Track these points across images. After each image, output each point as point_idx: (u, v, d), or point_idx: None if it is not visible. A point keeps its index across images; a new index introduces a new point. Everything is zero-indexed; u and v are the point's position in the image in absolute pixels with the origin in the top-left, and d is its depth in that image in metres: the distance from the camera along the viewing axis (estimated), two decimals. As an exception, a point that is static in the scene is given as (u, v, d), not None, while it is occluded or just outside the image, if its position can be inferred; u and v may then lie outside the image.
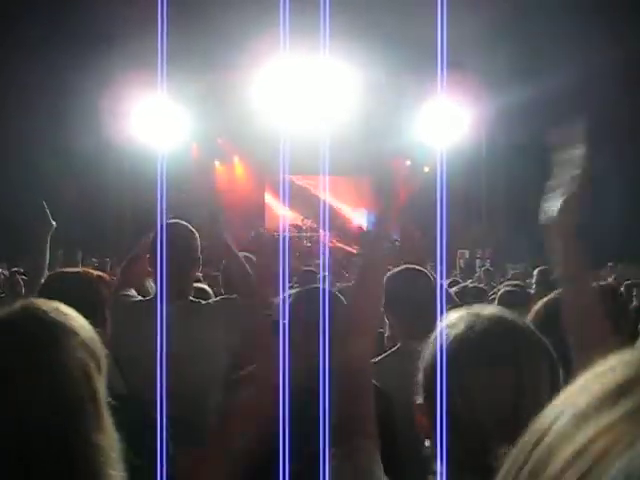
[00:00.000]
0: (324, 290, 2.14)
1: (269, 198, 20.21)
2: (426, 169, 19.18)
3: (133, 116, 15.09)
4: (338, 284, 7.26)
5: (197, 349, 2.47)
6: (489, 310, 1.20)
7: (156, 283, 2.60)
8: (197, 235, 2.81)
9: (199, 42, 13.16)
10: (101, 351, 1.13)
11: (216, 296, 3.50)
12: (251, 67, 13.91)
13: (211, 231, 2.70)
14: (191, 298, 2.75)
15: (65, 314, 1.12)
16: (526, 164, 14.69)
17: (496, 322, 1.14)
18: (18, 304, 1.11)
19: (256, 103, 15.21)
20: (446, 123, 14.89)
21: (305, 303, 2.10)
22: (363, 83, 14.44)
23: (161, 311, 2.10)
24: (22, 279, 5.55)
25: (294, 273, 9.59)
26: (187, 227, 2.82)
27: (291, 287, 6.42)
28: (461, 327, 1.14)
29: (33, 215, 2.91)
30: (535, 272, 5.15)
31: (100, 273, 2.35)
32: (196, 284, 3.43)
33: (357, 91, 14.72)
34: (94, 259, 10.45)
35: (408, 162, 19.95)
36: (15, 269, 7.06)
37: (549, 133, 1.73)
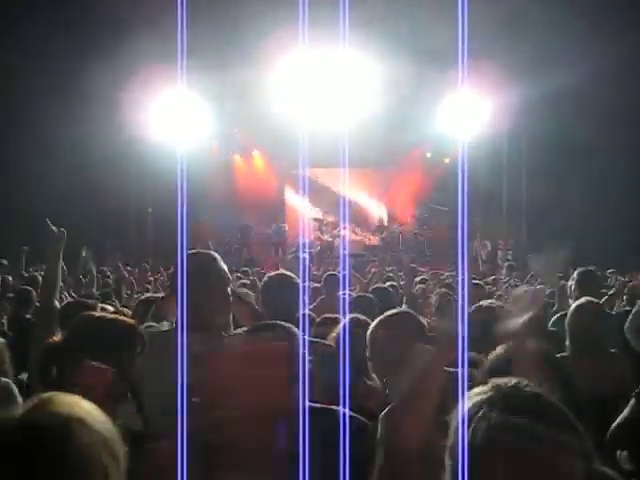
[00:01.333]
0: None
1: (289, 191, 20.25)
2: (447, 160, 19.29)
3: (152, 111, 15.17)
4: (357, 288, 7.22)
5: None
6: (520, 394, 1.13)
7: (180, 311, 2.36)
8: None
9: (218, 36, 13.19)
10: (120, 449, 1.10)
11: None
12: (270, 60, 13.91)
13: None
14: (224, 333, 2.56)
15: (84, 410, 1.09)
16: (548, 155, 14.55)
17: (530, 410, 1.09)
18: (36, 399, 1.09)
19: (276, 96, 15.21)
20: (468, 114, 14.75)
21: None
22: (383, 75, 14.36)
23: (182, 343, 1.96)
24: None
25: (317, 276, 9.61)
26: (212, 255, 2.62)
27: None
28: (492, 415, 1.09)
29: (43, 234, 2.88)
30: (575, 274, 4.87)
31: (132, 321, 2.30)
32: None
33: (377, 83, 14.65)
34: (126, 266, 10.50)
35: (429, 154, 19.96)
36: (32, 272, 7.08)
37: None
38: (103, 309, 3.40)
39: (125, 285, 7.30)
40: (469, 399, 1.15)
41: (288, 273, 3.45)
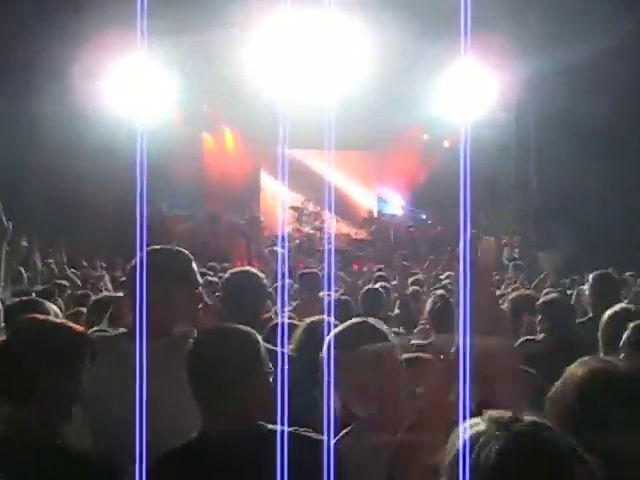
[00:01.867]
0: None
1: (265, 175, 20.20)
2: (446, 144, 19.37)
3: (108, 83, 15.02)
4: (341, 288, 7.25)
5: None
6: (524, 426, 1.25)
7: (135, 315, 2.33)
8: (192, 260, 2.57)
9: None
10: None
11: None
12: (246, 23, 13.81)
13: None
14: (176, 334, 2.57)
15: None
16: (562, 138, 14.64)
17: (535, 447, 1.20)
18: None
19: (251, 66, 15.13)
20: (471, 91, 14.78)
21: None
22: (375, 43, 14.35)
23: (140, 350, 2.05)
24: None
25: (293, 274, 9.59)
26: (179, 253, 2.60)
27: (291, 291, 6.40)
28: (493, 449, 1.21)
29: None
30: (590, 278, 4.87)
31: (80, 328, 2.27)
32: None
33: (369, 54, 14.63)
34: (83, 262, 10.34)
35: (426, 136, 20.02)
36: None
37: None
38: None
39: (72, 282, 7.24)
40: (465, 430, 1.25)
41: (253, 270, 3.47)
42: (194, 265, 2.58)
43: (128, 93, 14.87)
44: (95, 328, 3.32)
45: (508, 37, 13.14)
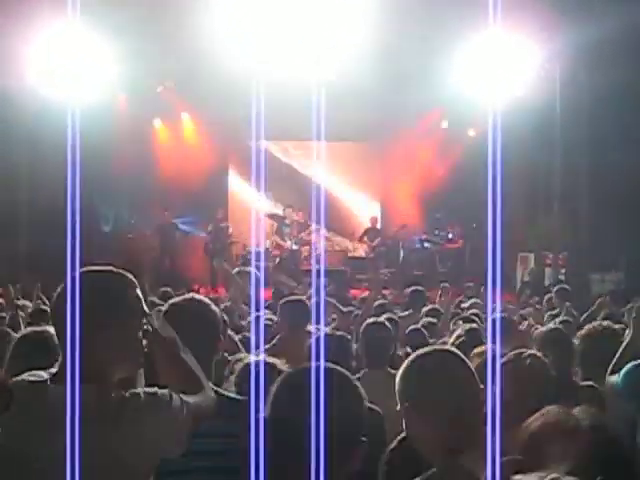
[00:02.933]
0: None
1: (234, 174, 20.23)
2: (471, 133, 19.45)
3: (33, 54, 15.03)
4: (333, 324, 7.28)
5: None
6: None
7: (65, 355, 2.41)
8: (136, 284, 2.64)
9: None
10: None
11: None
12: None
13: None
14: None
15: None
16: (619, 128, 14.72)
17: None
18: None
19: (216, 36, 15.18)
20: (502, 66, 14.88)
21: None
22: (377, 6, 14.44)
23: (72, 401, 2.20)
24: None
25: (272, 300, 9.56)
26: (119, 276, 2.62)
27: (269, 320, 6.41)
28: None
29: None
30: (634, 310, 4.94)
31: None
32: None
33: (368, 18, 14.71)
34: None
35: (445, 123, 20.04)
36: None
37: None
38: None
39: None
40: None
41: (199, 298, 3.48)
42: (138, 292, 2.60)
43: (56, 69, 14.85)
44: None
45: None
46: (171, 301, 3.51)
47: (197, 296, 3.55)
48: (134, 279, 2.61)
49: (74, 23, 10.57)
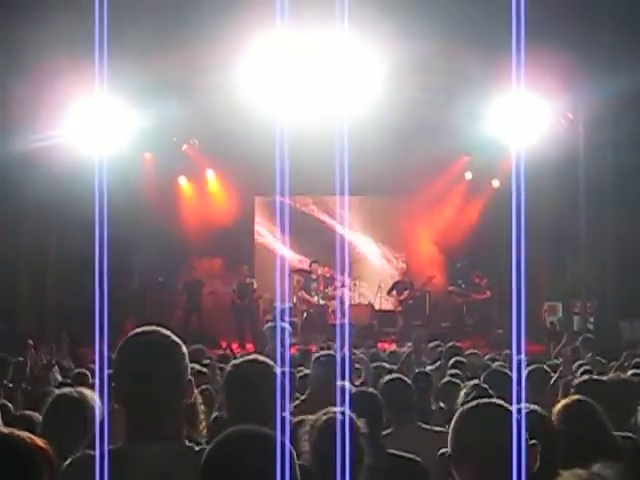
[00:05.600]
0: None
1: (260, 230, 20.31)
2: (495, 183, 19.45)
3: (62, 119, 15.25)
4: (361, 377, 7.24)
5: None
6: None
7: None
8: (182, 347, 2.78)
9: (155, 9, 13.35)
10: None
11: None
12: (234, 43, 14.06)
13: None
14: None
15: None
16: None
17: None
18: None
19: (240, 95, 15.36)
20: (525, 119, 14.90)
21: None
22: (399, 64, 14.56)
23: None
24: None
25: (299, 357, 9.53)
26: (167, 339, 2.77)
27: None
28: None
29: None
30: None
31: (41, 443, 2.23)
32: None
33: (390, 75, 14.83)
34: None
35: (469, 174, 20.07)
36: None
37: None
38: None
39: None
40: None
41: (263, 359, 3.51)
42: (184, 350, 2.70)
43: (85, 130, 15.08)
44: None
45: (574, 55, 13.32)
46: (235, 362, 3.60)
47: (260, 357, 3.59)
48: (179, 341, 2.71)
49: (102, 86, 10.75)
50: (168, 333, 2.75)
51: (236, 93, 15.01)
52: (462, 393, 4.94)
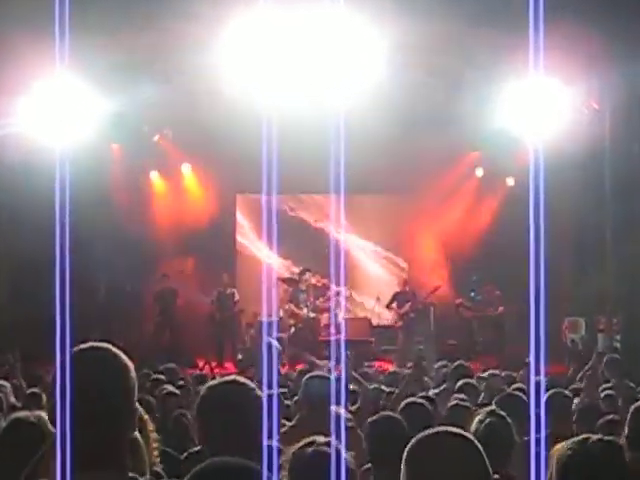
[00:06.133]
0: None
1: (243, 233, 20.30)
2: (510, 182, 19.47)
3: (17, 106, 15.23)
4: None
5: None
6: None
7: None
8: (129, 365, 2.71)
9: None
10: None
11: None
12: (214, 20, 14.05)
13: None
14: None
15: None
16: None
17: None
18: None
19: (221, 79, 15.36)
20: (544, 109, 14.91)
21: None
22: (402, 47, 14.58)
23: None
24: None
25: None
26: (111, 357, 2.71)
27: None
28: None
29: None
30: None
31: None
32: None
33: (387, 61, 14.84)
34: None
35: (480, 171, 20.06)
36: None
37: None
38: None
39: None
40: None
41: (243, 380, 3.49)
42: (132, 374, 2.66)
43: (44, 118, 15.05)
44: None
45: (599, 37, 13.35)
46: (210, 384, 3.57)
47: (239, 378, 3.57)
48: (126, 360, 2.67)
49: (62, 68, 10.73)
50: (116, 352, 2.70)
51: (216, 77, 15.00)
52: (476, 420, 4.91)
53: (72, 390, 2.52)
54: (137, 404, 2.68)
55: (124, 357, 2.69)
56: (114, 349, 2.69)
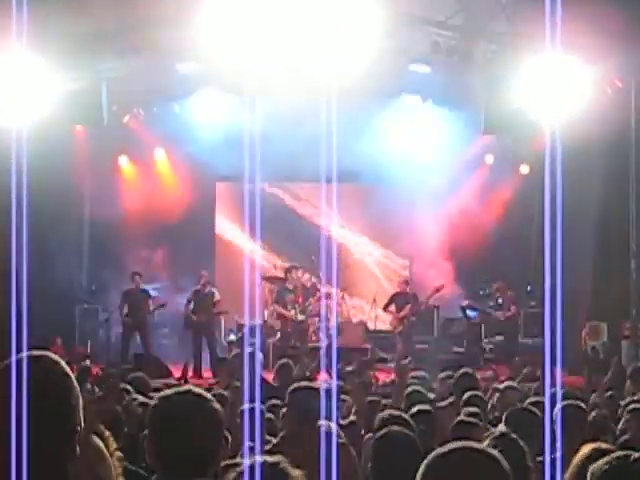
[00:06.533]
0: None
1: (223, 225, 20.25)
2: (524, 169, 19.45)
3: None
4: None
5: None
6: None
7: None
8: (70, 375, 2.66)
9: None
10: None
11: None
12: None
13: None
14: None
15: None
16: None
17: None
18: None
19: (198, 53, 15.32)
20: (562, 87, 14.90)
21: None
22: (397, 19, 14.61)
23: None
24: None
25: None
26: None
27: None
28: None
29: None
30: None
31: None
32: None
33: (386, 34, 14.83)
34: None
35: (490, 157, 19.98)
36: None
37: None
38: None
39: None
40: None
41: (198, 391, 3.46)
42: (73, 382, 2.62)
43: (2, 100, 15.02)
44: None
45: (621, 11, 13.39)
46: (162, 395, 3.47)
47: (194, 388, 3.52)
48: (65, 368, 2.63)
49: (20, 43, 10.70)
50: (56, 358, 2.65)
51: (192, 51, 14.97)
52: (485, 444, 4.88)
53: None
54: (79, 419, 2.62)
55: (63, 365, 2.63)
56: (51, 355, 2.65)
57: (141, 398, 8.18)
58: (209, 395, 3.42)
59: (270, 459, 3.13)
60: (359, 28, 14.29)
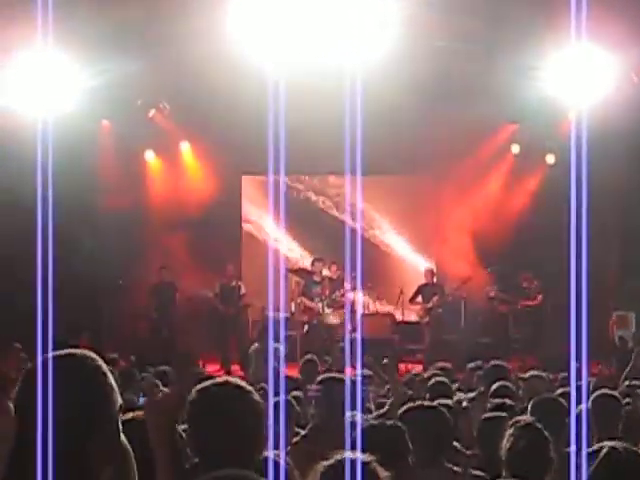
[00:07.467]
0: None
1: (250, 219, 20.29)
2: (550, 159, 19.37)
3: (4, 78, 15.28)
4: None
5: None
6: None
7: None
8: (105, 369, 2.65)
9: None
10: None
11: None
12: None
13: None
14: None
15: None
16: None
17: None
18: None
19: (223, 46, 15.34)
20: (585, 75, 14.86)
21: None
22: (421, 7, 14.57)
23: None
24: None
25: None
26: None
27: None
28: None
29: None
30: None
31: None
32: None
33: (409, 22, 14.82)
34: None
35: (516, 147, 19.95)
36: None
37: None
38: None
39: None
40: None
41: (237, 382, 3.47)
42: (111, 380, 2.62)
43: (25, 95, 15.08)
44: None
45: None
46: (201, 386, 3.48)
47: (233, 379, 3.52)
48: (103, 365, 2.62)
49: (47, 38, 10.73)
50: (91, 355, 2.65)
51: (218, 43, 14.97)
52: (508, 433, 4.86)
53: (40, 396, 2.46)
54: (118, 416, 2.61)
55: (96, 358, 2.63)
56: (87, 353, 2.64)
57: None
58: (248, 386, 3.43)
59: (362, 457, 3.15)
60: (382, 18, 14.29)
